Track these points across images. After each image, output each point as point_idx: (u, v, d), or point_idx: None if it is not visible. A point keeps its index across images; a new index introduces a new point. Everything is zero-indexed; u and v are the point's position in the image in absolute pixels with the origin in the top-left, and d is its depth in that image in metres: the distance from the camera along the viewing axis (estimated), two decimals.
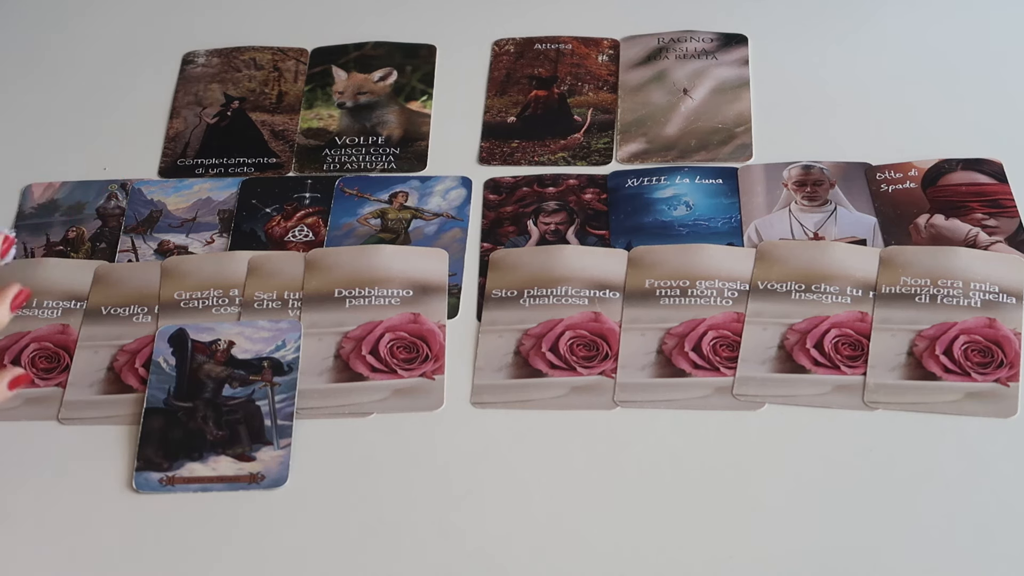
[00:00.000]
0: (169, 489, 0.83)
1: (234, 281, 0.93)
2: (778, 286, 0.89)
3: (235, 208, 0.99)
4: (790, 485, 0.80)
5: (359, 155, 1.02)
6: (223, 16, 1.14)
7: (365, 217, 0.97)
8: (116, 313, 0.92)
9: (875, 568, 0.76)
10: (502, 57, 1.08)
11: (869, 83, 1.02)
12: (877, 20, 1.07)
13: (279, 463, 0.83)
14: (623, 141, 1.01)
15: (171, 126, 1.05)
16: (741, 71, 1.04)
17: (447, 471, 0.82)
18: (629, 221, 0.95)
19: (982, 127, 0.98)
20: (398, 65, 1.08)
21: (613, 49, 1.07)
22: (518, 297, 0.90)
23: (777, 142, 0.99)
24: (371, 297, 0.91)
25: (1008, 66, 1.02)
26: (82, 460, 0.85)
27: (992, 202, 0.93)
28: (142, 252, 0.96)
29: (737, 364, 0.85)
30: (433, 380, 0.87)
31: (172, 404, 0.86)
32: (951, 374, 0.83)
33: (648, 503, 0.80)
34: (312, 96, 1.07)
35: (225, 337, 0.89)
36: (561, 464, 0.82)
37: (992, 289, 0.87)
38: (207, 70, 1.09)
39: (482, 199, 0.98)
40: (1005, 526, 0.77)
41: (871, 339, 0.85)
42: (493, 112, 1.04)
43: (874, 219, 0.93)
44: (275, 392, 0.86)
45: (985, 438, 0.81)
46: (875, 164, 0.96)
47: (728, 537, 0.78)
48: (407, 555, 0.79)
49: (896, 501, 0.79)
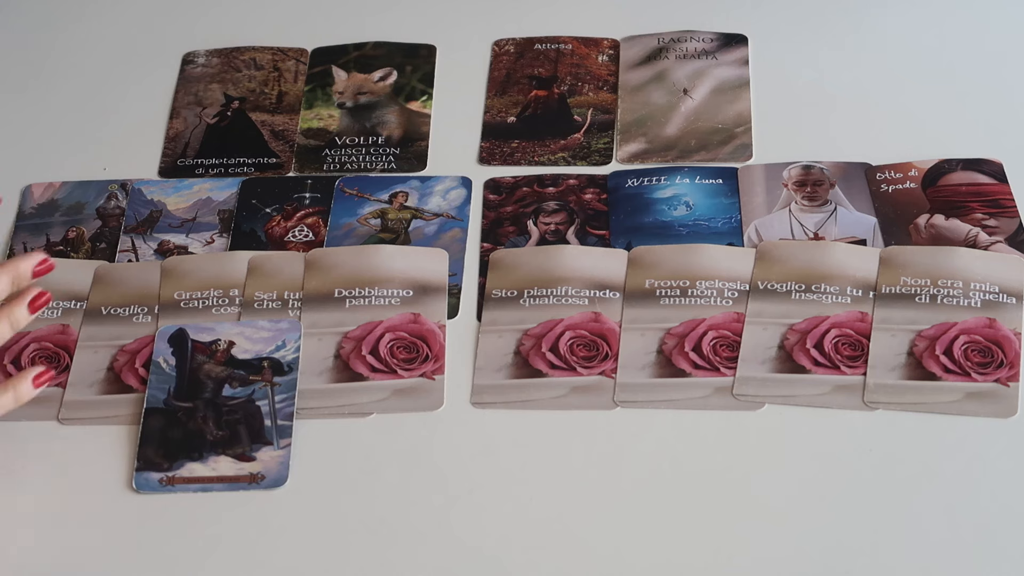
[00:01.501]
0: (169, 489, 0.83)
1: (234, 281, 0.93)
2: (778, 286, 0.89)
3: (235, 208, 0.99)
4: (790, 485, 0.80)
5: (359, 155, 1.02)
6: (223, 16, 1.14)
7: (365, 217, 0.97)
8: (116, 313, 0.92)
9: (875, 568, 0.76)
10: (502, 57, 1.08)
11: (869, 83, 1.02)
12: (877, 20, 1.07)
13: (279, 463, 0.83)
14: (623, 141, 1.01)
15: (171, 126, 1.05)
16: (741, 71, 1.04)
17: (447, 471, 0.82)
18: (629, 221, 0.95)
19: (982, 127, 0.98)
20: (398, 65, 1.08)
21: (613, 49, 1.07)
22: (518, 297, 0.90)
23: (777, 142, 0.99)
24: (371, 297, 0.91)
25: (1008, 66, 1.02)
26: (82, 460, 0.85)
27: (992, 202, 0.93)
28: (142, 252, 0.96)
29: (737, 364, 0.85)
30: (433, 380, 0.87)
31: (172, 404, 0.86)
32: (951, 374, 0.83)
33: (648, 503, 0.80)
34: (312, 96, 1.07)
35: (225, 337, 0.89)
36: (561, 464, 0.82)
37: (992, 289, 0.87)
38: (207, 70, 1.09)
39: (482, 199, 0.98)
40: (1005, 526, 0.77)
41: (871, 339, 0.85)
42: (493, 112, 1.04)
43: (874, 219, 0.93)
44: (275, 392, 0.86)
45: (985, 438, 0.81)
46: (875, 164, 0.96)
47: (728, 537, 0.78)
48: (407, 555, 0.79)
49: (896, 501, 0.79)
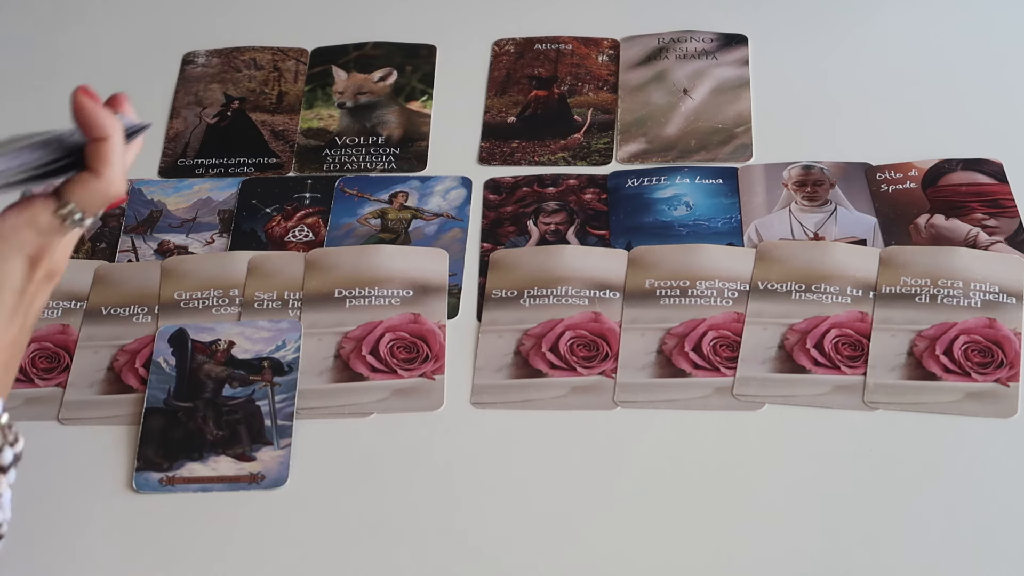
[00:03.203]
0: (169, 489, 0.83)
1: (234, 281, 0.93)
2: (778, 286, 0.89)
3: (235, 208, 0.99)
4: (790, 485, 0.80)
5: (359, 155, 1.02)
6: (223, 16, 1.14)
7: (365, 217, 0.97)
8: (116, 313, 0.92)
9: (875, 568, 0.76)
10: (502, 57, 1.08)
11: (869, 83, 1.02)
12: (877, 20, 1.07)
13: (279, 463, 0.83)
14: (623, 141, 1.01)
15: (171, 126, 1.05)
16: (741, 71, 1.04)
17: (447, 471, 0.82)
18: (629, 221, 0.95)
19: (982, 127, 0.98)
20: (398, 65, 1.08)
21: (613, 49, 1.07)
22: (518, 297, 0.90)
23: (777, 142, 0.99)
24: (371, 297, 0.91)
25: (1008, 66, 1.02)
26: (82, 460, 0.85)
27: (992, 202, 0.93)
28: (142, 252, 0.96)
29: (737, 364, 0.85)
30: (433, 380, 0.87)
31: (172, 404, 0.86)
32: (951, 374, 0.83)
33: (648, 503, 0.80)
34: (312, 96, 1.07)
35: (225, 337, 0.89)
36: (561, 464, 0.82)
37: (992, 289, 0.86)
38: (207, 70, 1.09)
39: (482, 199, 0.98)
40: (1005, 526, 0.77)
41: (871, 339, 0.85)
42: (493, 112, 1.04)
43: (874, 219, 0.93)
44: (275, 392, 0.86)
45: (985, 438, 0.81)
46: (875, 164, 0.96)
47: (728, 537, 0.78)
48: (407, 555, 0.79)
49: (896, 501, 0.79)
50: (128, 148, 0.72)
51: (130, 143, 0.72)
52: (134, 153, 0.73)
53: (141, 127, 0.73)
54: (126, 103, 0.73)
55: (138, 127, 0.72)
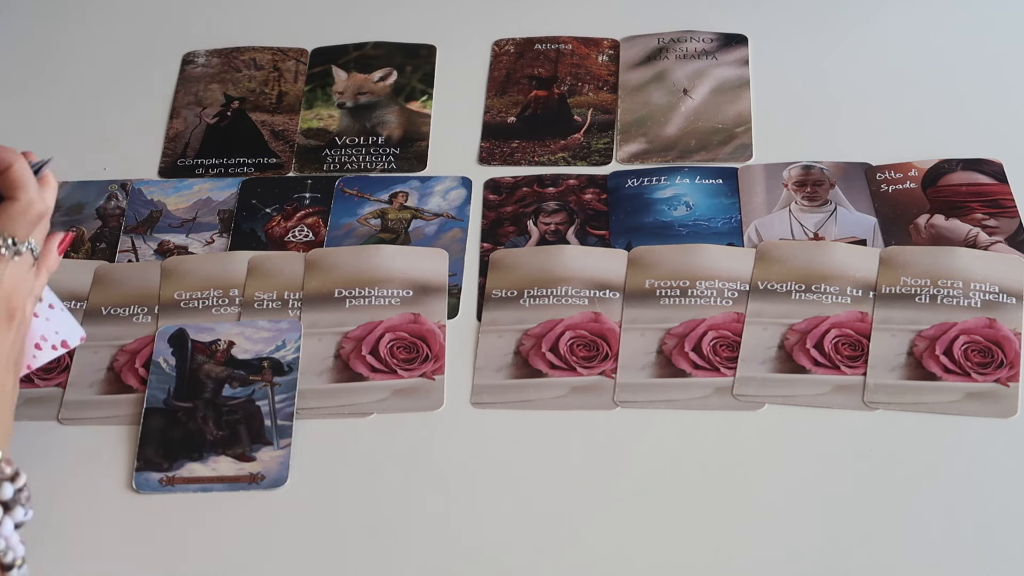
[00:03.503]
0: (169, 489, 0.83)
1: (234, 281, 0.93)
2: (778, 286, 0.89)
3: (235, 208, 0.99)
4: (790, 485, 0.80)
5: (359, 155, 1.02)
6: (223, 16, 1.14)
7: (365, 217, 0.97)
8: (116, 313, 0.92)
9: (875, 568, 0.76)
10: (502, 57, 1.08)
11: (869, 83, 1.02)
12: (877, 20, 1.07)
13: (279, 463, 0.83)
14: (623, 141, 1.01)
15: (171, 126, 1.05)
16: (741, 71, 1.04)
17: (447, 471, 0.82)
18: (629, 221, 0.95)
19: (982, 127, 0.98)
20: (398, 65, 1.08)
21: (613, 49, 1.07)
22: (518, 297, 0.90)
23: (777, 142, 0.99)
24: (371, 297, 0.91)
25: (1008, 66, 1.02)
26: (82, 460, 0.85)
27: (992, 202, 0.93)
28: (142, 252, 0.96)
29: (737, 364, 0.85)
30: (433, 380, 0.87)
31: (172, 404, 0.86)
32: (951, 374, 0.83)
33: (648, 503, 0.80)
34: (312, 96, 1.07)
35: (225, 337, 0.89)
36: (561, 464, 0.82)
37: (992, 289, 0.87)
38: (207, 70, 1.09)
39: (482, 199, 0.98)
40: (1005, 526, 0.77)
41: (871, 339, 0.85)
42: (493, 112, 1.04)
43: (874, 219, 0.93)
44: (275, 392, 0.86)
45: (985, 438, 0.81)
46: (875, 164, 0.96)
47: (728, 537, 0.78)
48: (407, 555, 0.79)
49: (896, 501, 0.79)
50: (46, 186, 0.77)
51: (47, 184, 0.77)
52: (52, 191, 0.78)
53: (44, 162, 0.78)
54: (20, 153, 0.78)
55: (42, 163, 0.77)
